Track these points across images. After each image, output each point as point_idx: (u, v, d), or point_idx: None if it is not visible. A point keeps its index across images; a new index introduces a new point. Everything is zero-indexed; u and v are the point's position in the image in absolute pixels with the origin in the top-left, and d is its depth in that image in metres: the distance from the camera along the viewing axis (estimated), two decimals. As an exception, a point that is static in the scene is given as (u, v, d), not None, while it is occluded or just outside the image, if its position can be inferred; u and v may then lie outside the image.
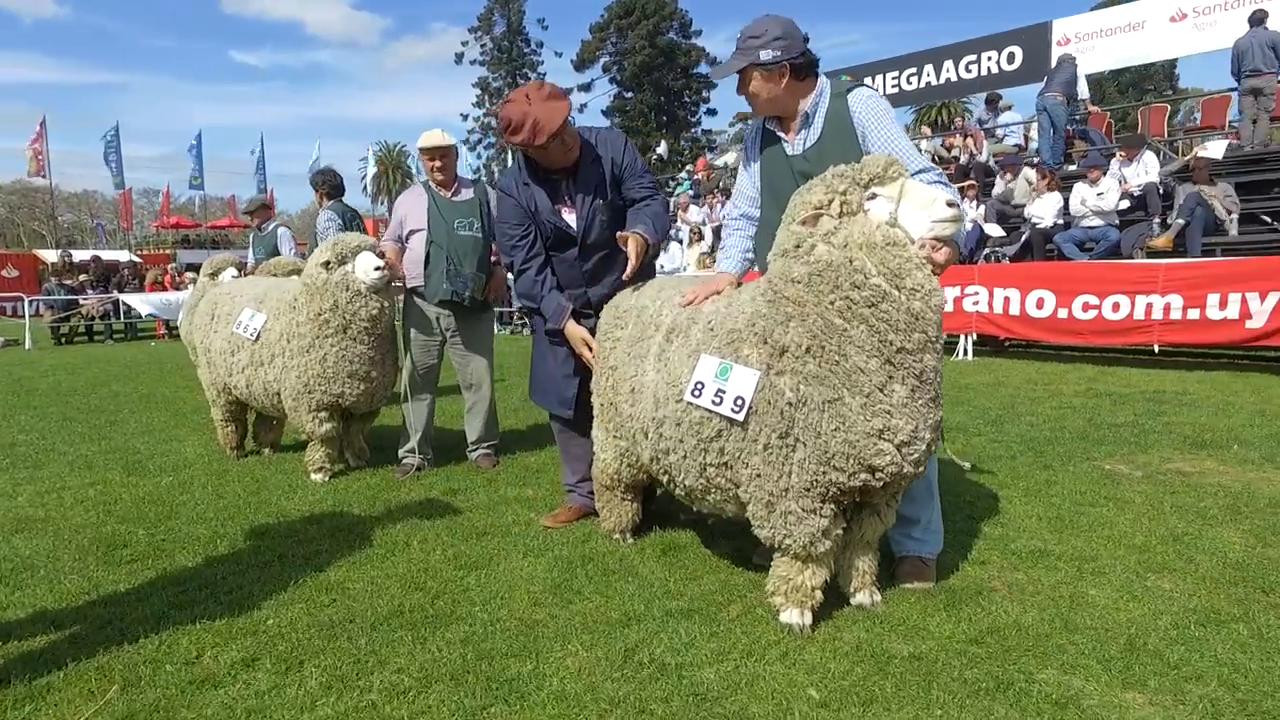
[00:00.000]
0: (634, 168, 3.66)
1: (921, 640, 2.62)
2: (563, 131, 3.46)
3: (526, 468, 5.09)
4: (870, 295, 2.40)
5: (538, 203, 3.71)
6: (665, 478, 3.03)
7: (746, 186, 3.29)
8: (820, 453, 2.48)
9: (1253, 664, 2.41)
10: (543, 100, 3.44)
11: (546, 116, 3.41)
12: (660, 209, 3.67)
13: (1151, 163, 11.56)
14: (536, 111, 3.41)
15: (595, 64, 47.27)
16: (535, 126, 3.41)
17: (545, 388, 4.01)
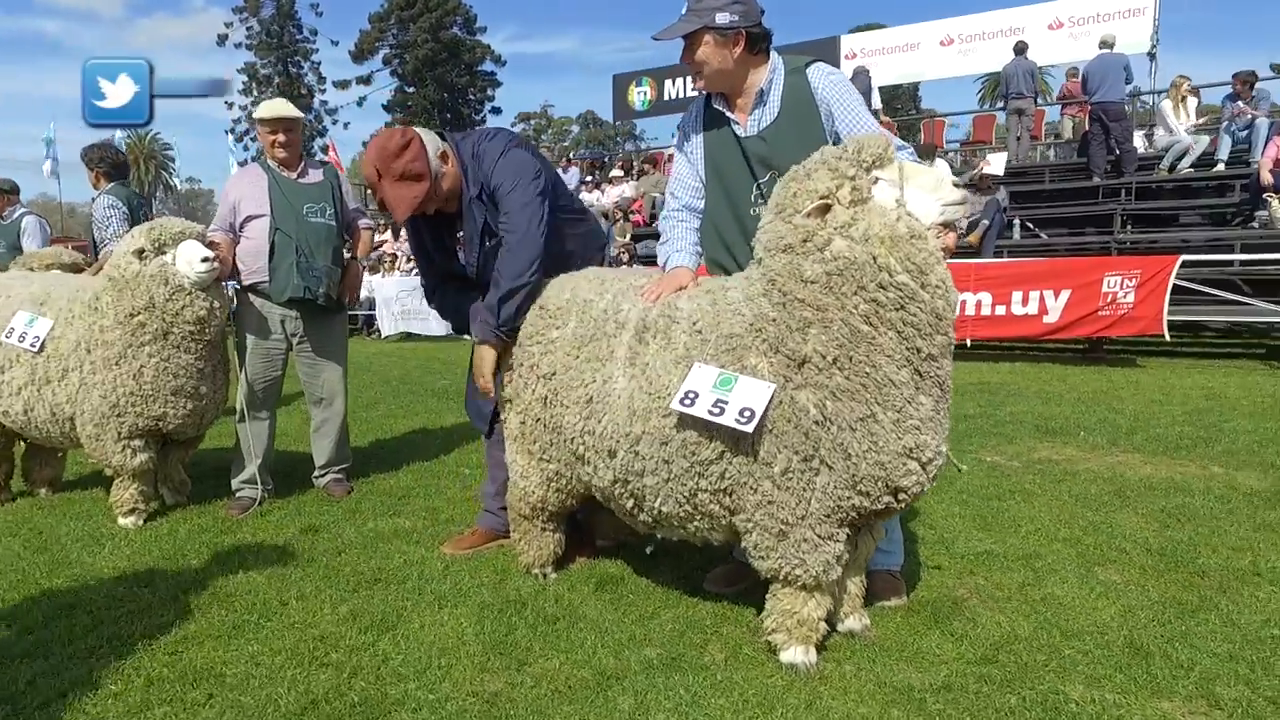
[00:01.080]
0: (506, 199, 2.98)
1: (934, 667, 2.41)
2: (425, 207, 3.01)
3: (388, 493, 4.41)
4: (898, 296, 2.14)
5: (424, 239, 3.30)
6: (629, 502, 2.59)
7: (687, 175, 2.91)
8: (848, 476, 2.19)
9: (1247, 653, 2.41)
10: (394, 181, 2.94)
11: (397, 201, 2.95)
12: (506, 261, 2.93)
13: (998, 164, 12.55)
14: (387, 193, 2.95)
15: (374, 56, 44.52)
16: (389, 207, 3.00)
17: (467, 398, 3.50)
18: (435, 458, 5.17)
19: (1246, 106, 10.58)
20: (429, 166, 2.96)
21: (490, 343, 2.97)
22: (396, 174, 2.93)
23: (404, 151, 2.92)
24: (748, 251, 2.72)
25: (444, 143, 3.08)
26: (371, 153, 2.99)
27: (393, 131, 3.02)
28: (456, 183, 3.06)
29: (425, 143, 2.98)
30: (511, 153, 3.03)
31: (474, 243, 3.11)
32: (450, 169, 3.05)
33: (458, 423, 6.23)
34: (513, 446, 3.00)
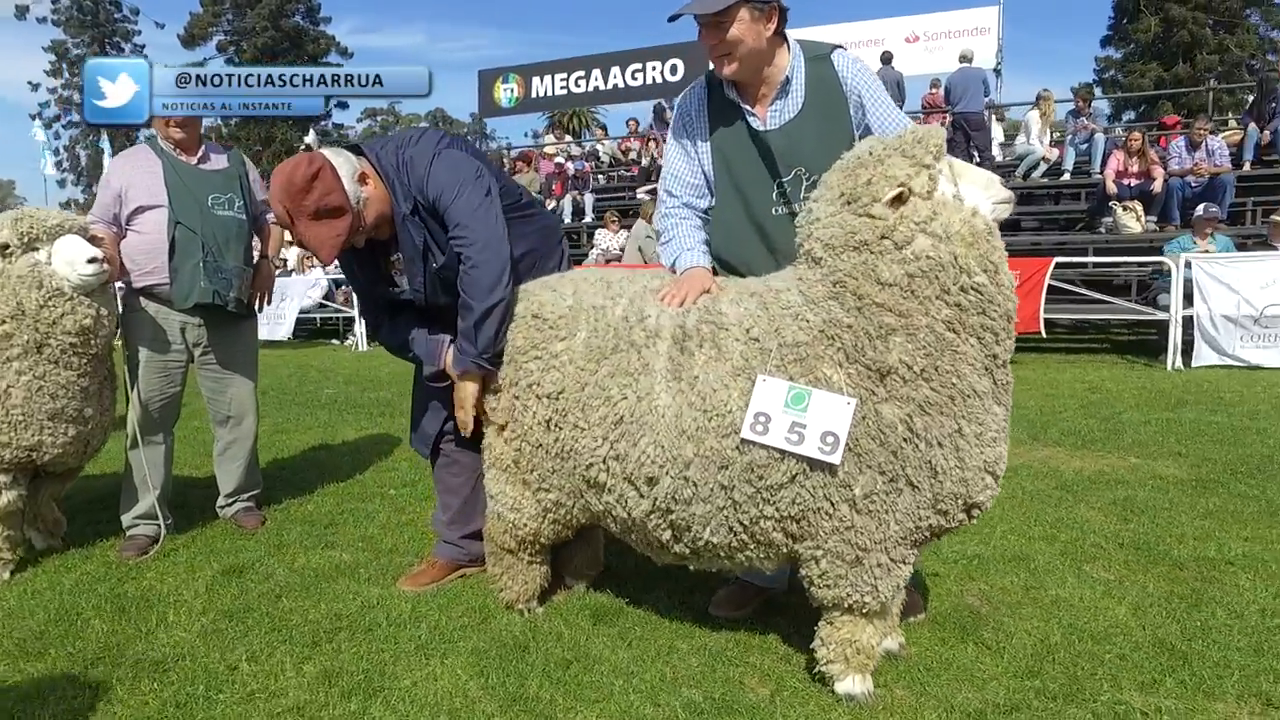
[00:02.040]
0: (451, 209, 2.61)
1: (988, 685, 2.31)
2: (352, 241, 2.65)
3: (311, 522, 3.90)
4: (979, 299, 2.01)
5: (356, 270, 2.94)
6: (666, 534, 2.32)
7: (685, 172, 2.65)
8: (931, 496, 2.03)
9: (1269, 647, 2.47)
10: (309, 221, 2.55)
11: (318, 243, 2.59)
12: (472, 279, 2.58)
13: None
14: (305, 235, 2.57)
15: (208, 42, 41.02)
16: (311, 250, 2.68)
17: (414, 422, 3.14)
18: (351, 478, 4.66)
19: (1088, 122, 11.53)
20: (347, 196, 2.56)
21: (472, 374, 2.62)
22: (310, 212, 2.52)
23: (314, 184, 2.51)
24: (765, 255, 2.54)
25: (361, 159, 2.68)
26: (277, 190, 2.56)
27: (297, 161, 2.58)
28: (385, 204, 2.67)
29: (338, 168, 2.57)
30: (444, 155, 2.66)
31: (415, 266, 2.73)
32: (373, 190, 2.65)
33: (361, 437, 5.70)
34: (500, 476, 2.66)
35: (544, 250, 2.96)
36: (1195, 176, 9.94)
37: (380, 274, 2.90)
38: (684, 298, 2.36)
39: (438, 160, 2.66)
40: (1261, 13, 41.62)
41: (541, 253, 2.95)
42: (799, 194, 2.45)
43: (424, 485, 4.46)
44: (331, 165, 2.58)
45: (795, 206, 2.44)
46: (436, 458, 3.16)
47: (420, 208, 2.67)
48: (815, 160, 2.39)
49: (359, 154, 2.74)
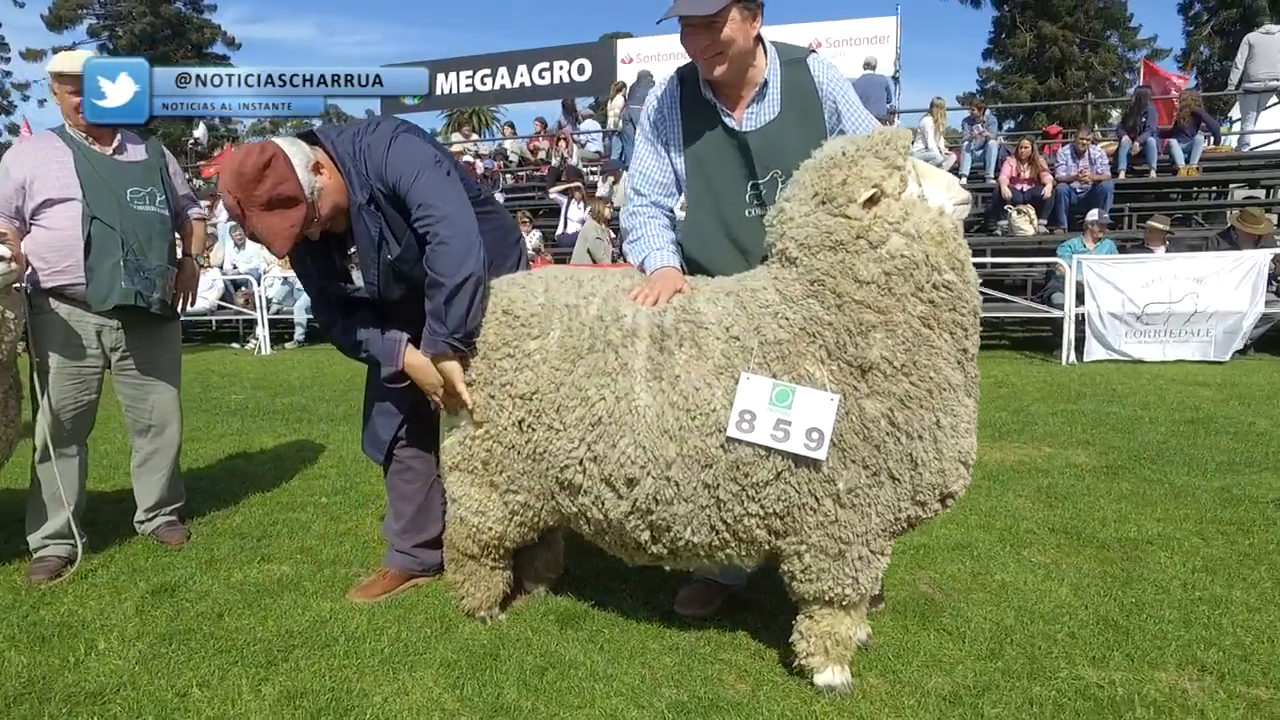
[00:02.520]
0: (414, 190, 2.53)
1: (957, 669, 2.40)
2: (306, 233, 2.54)
3: (242, 535, 3.69)
4: (949, 296, 2.08)
5: (308, 265, 2.80)
6: (644, 535, 2.31)
7: (654, 171, 2.63)
8: (911, 488, 2.10)
9: (1196, 617, 2.66)
10: (261, 211, 2.43)
11: (272, 234, 2.47)
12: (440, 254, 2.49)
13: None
14: (258, 225, 2.45)
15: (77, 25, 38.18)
16: (264, 243, 2.53)
17: (366, 425, 3.02)
18: (278, 487, 4.44)
19: (983, 129, 12.15)
20: (301, 186, 2.45)
21: (446, 355, 2.53)
22: (262, 202, 2.41)
23: (265, 173, 2.39)
24: (735, 256, 2.55)
25: (315, 149, 2.57)
26: (227, 179, 2.44)
27: (249, 150, 2.46)
28: (341, 194, 2.57)
29: (291, 157, 2.46)
30: (402, 139, 2.59)
31: (369, 258, 2.63)
32: (329, 180, 2.54)
33: (281, 444, 5.44)
34: (465, 479, 2.58)
35: (501, 250, 2.90)
36: (1080, 183, 10.63)
37: (335, 269, 2.78)
38: (656, 297, 2.35)
39: (396, 143, 2.58)
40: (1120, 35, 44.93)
41: (498, 253, 2.89)
42: (774, 196, 2.43)
43: (356, 493, 4.31)
44: (284, 154, 2.46)
45: (770, 209, 2.42)
46: (389, 463, 3.05)
47: (377, 196, 2.58)
48: (792, 163, 2.38)
49: (313, 143, 2.62)
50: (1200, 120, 11.98)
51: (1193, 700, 2.20)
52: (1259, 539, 3.34)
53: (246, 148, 2.50)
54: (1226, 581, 2.94)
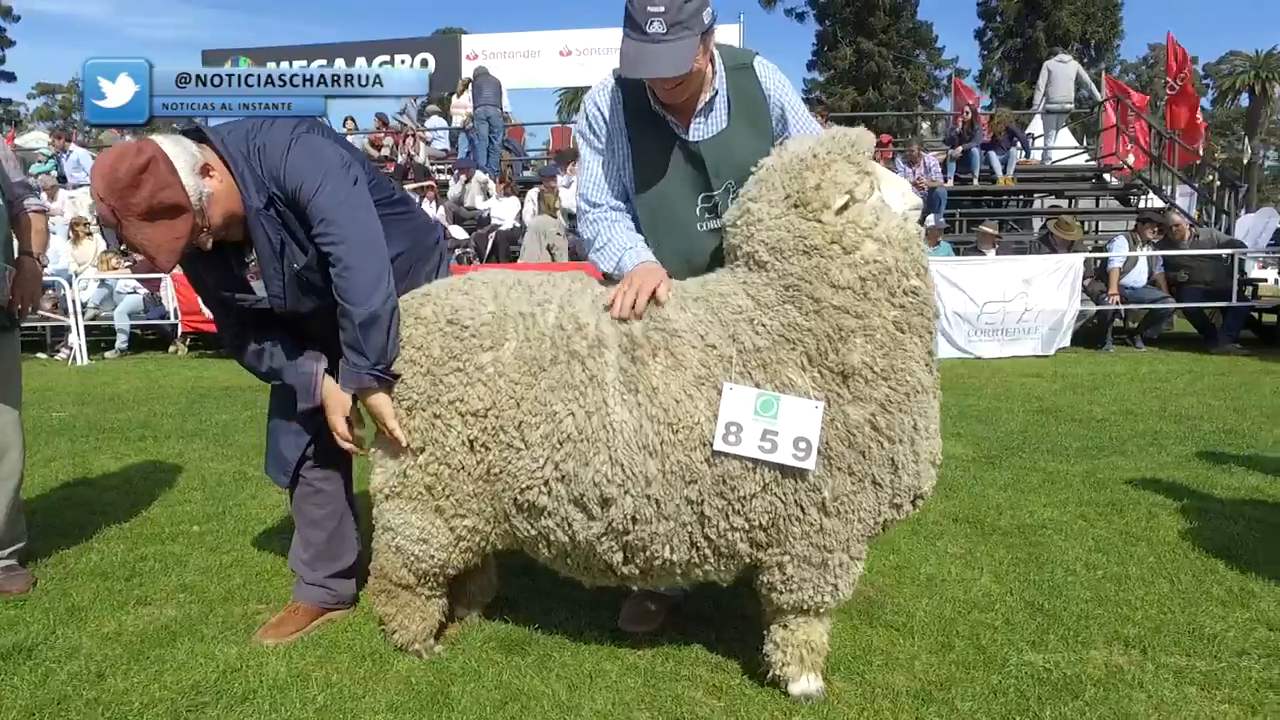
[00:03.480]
0: (315, 203, 2.28)
1: (915, 667, 2.45)
2: (193, 242, 2.24)
3: (104, 574, 3.22)
4: (916, 301, 2.11)
5: (204, 277, 2.51)
6: (616, 556, 2.19)
7: (605, 178, 2.49)
8: (891, 492, 2.10)
9: (1106, 596, 2.86)
10: (140, 221, 2.12)
11: (154, 248, 2.17)
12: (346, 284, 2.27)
13: (587, 176, 13.08)
14: (137, 237, 2.16)
15: None
16: (147, 257, 2.22)
17: (269, 445, 2.70)
18: (137, 516, 3.92)
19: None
20: (186, 191, 2.16)
21: (373, 388, 2.31)
22: (141, 211, 2.10)
23: (143, 178, 2.09)
24: (685, 270, 2.42)
25: (203, 147, 2.29)
26: (98, 185, 2.11)
27: (123, 151, 2.14)
28: (234, 200, 2.28)
29: (174, 159, 2.16)
30: (302, 140, 2.33)
31: (272, 267, 2.37)
32: (219, 183, 2.26)
33: (125, 467, 4.83)
34: (404, 507, 2.36)
35: (419, 253, 2.69)
36: (917, 188, 11.40)
37: (235, 279, 2.46)
38: (636, 297, 2.18)
39: (295, 146, 2.31)
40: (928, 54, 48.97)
41: (417, 255, 2.68)
42: (728, 206, 2.37)
43: (231, 518, 3.90)
44: (166, 155, 2.15)
45: (732, 210, 2.35)
46: (296, 486, 2.75)
47: (278, 201, 2.30)
48: (745, 173, 2.33)
49: (200, 140, 2.31)
50: (1014, 135, 13.20)
51: (1130, 675, 2.36)
52: (1131, 518, 3.67)
53: (120, 148, 2.16)
54: (1119, 559, 3.20)
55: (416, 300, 2.37)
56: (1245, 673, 2.36)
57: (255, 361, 2.53)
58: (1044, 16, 42.75)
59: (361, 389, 2.31)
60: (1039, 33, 42.93)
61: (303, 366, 2.48)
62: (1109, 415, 5.77)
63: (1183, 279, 9.28)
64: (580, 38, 18.04)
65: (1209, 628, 2.62)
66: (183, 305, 9.90)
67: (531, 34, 18.14)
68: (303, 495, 2.76)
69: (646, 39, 2.14)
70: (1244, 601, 2.81)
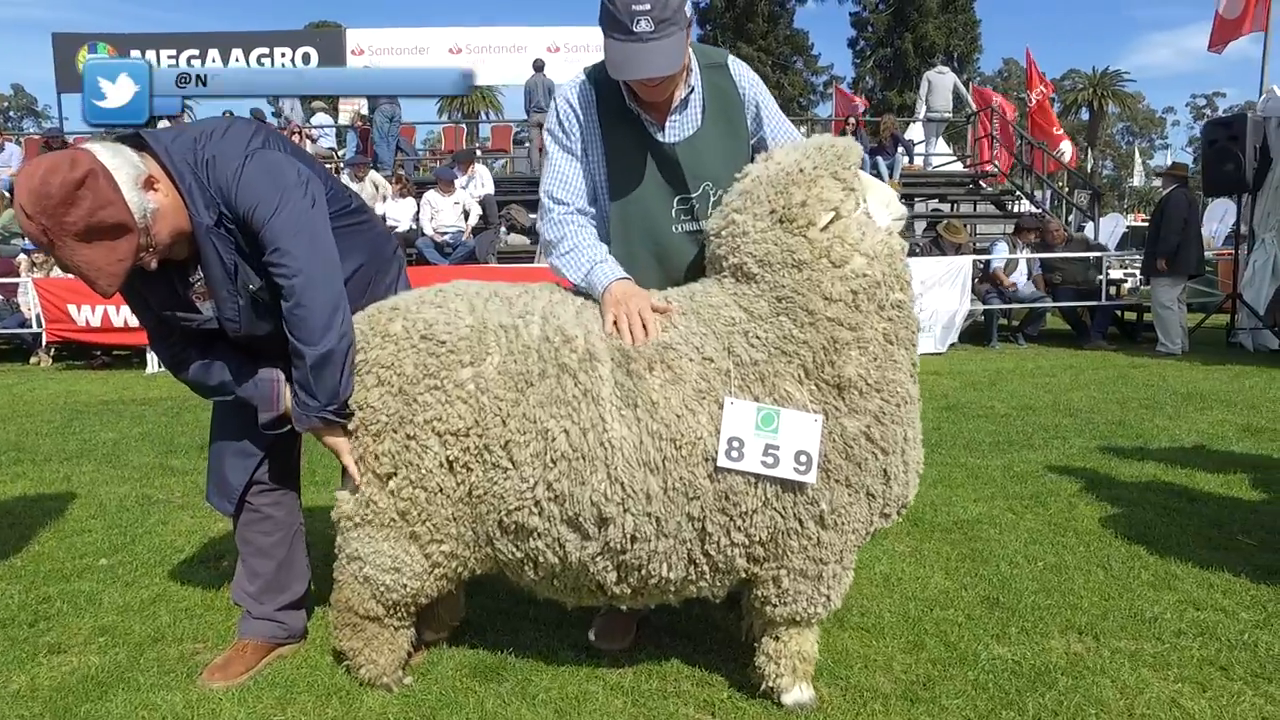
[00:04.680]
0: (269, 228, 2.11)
1: (893, 669, 2.50)
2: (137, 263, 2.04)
3: (2, 621, 2.89)
4: (902, 314, 2.15)
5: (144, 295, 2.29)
6: (610, 576, 2.13)
7: (573, 177, 2.41)
8: (884, 501, 2.13)
9: (1057, 586, 3.02)
10: (77, 242, 1.92)
11: (94, 271, 1.97)
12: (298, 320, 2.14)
13: (486, 176, 12.84)
14: (74, 259, 1.95)
15: None
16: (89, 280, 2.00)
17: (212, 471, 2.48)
18: (26, 551, 3.54)
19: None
20: (129, 209, 1.96)
21: (324, 430, 2.19)
22: (77, 232, 1.90)
23: (79, 194, 1.88)
24: (658, 272, 2.41)
25: (144, 156, 2.09)
26: (26, 199, 1.88)
27: (54, 163, 1.91)
28: (181, 216, 2.10)
29: (114, 171, 1.96)
30: (257, 156, 2.16)
31: (224, 289, 2.20)
32: (165, 199, 2.07)
33: (3, 496, 4.36)
34: (375, 535, 2.22)
35: (378, 264, 2.55)
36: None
37: (179, 299, 2.25)
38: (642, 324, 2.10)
39: (250, 164, 2.14)
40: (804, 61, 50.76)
41: (376, 267, 2.54)
42: (706, 209, 2.36)
43: (142, 547, 3.60)
44: (105, 169, 1.95)
45: (702, 222, 2.35)
46: (240, 513, 2.55)
47: (225, 218, 2.13)
48: (721, 174, 2.33)
49: (140, 148, 2.10)
50: (898, 141, 13.83)
51: (1091, 662, 2.49)
52: (1054, 509, 3.89)
53: (51, 159, 1.93)
54: (1053, 550, 3.39)
55: (384, 315, 2.23)
56: (1188, 653, 2.54)
57: (202, 376, 2.33)
58: (911, 29, 45.16)
59: (312, 430, 2.18)
60: (908, 44, 45.35)
61: (261, 376, 2.30)
62: (1010, 411, 6.12)
63: (1057, 280, 9.97)
64: (471, 35, 17.69)
65: (1147, 611, 2.80)
66: (47, 313, 9.05)
67: (421, 30, 17.63)
68: (249, 522, 2.56)
69: (634, 39, 2.09)
70: (1170, 584, 3.02)
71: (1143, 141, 67.01)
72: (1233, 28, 10.19)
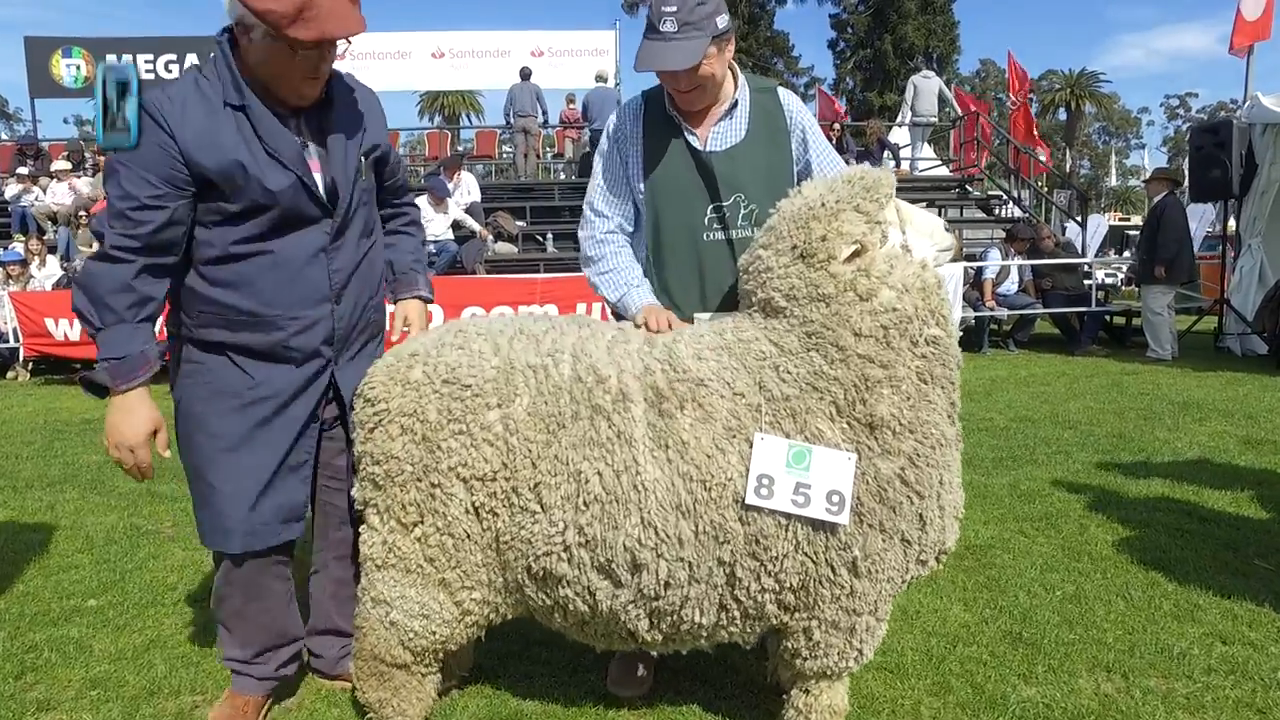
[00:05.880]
0: (394, 152, 2.36)
1: (920, 711, 2.44)
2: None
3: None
4: (938, 351, 2.08)
5: (260, 138, 2.09)
6: (642, 623, 2.04)
7: (616, 189, 2.51)
8: (920, 548, 2.06)
9: (1069, 616, 2.96)
10: None
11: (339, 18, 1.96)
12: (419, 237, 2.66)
13: (472, 184, 12.69)
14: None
15: None
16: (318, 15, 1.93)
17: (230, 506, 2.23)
18: (13, 592, 3.39)
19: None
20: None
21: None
22: None
23: None
24: (694, 277, 2.47)
25: None
26: None
27: None
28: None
29: None
30: None
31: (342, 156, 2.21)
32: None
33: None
34: (401, 580, 2.13)
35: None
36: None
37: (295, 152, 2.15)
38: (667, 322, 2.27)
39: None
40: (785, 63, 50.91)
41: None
42: (736, 219, 2.42)
43: (133, 585, 3.47)
44: None
45: (731, 233, 2.43)
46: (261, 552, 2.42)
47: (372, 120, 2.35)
48: (755, 188, 2.41)
49: None
50: (884, 145, 13.83)
51: (1122, 704, 2.43)
52: (1066, 532, 3.84)
53: None
54: (1070, 578, 3.33)
55: (404, 363, 2.14)
56: (1221, 693, 2.49)
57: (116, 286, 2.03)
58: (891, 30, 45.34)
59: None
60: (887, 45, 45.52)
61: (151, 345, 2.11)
62: (1009, 423, 6.09)
63: (1048, 286, 9.99)
64: (454, 39, 17.52)
65: (1174, 646, 2.75)
66: (24, 327, 8.83)
67: (403, 34, 17.44)
68: (271, 562, 2.39)
69: (659, 37, 2.22)
70: (1193, 615, 2.97)
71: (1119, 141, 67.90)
72: (1254, 29, 10.11)
